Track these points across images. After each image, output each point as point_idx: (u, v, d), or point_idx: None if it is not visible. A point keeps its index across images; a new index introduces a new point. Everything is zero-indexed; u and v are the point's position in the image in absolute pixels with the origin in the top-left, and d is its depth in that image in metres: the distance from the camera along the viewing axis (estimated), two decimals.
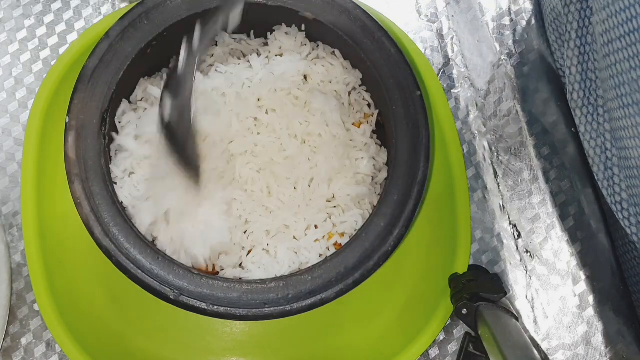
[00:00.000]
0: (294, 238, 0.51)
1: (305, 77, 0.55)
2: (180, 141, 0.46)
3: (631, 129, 0.45)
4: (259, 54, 0.56)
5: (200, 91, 0.53)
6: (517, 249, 0.59)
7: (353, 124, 0.54)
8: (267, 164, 0.52)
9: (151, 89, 0.53)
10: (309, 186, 0.52)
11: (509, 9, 0.63)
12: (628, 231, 0.50)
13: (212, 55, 0.55)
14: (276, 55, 0.55)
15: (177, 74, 0.45)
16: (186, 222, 0.50)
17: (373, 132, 0.55)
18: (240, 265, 0.51)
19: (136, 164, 0.52)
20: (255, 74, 0.54)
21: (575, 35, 0.51)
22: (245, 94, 0.53)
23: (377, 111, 0.55)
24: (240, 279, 0.50)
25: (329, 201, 0.52)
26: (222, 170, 0.51)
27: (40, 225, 0.53)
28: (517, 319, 0.52)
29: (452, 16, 0.63)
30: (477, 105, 0.61)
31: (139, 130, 0.52)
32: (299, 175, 0.52)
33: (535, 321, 0.58)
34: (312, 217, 0.51)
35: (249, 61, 0.55)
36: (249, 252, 0.51)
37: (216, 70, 0.54)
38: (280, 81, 0.53)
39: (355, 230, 0.51)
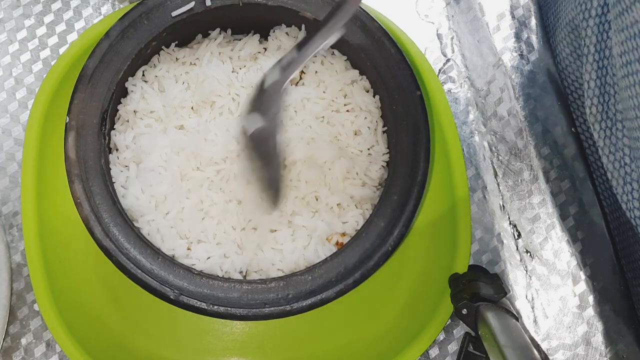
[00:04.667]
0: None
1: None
2: (264, 160, 0.43)
3: None
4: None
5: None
6: (517, 249, 0.59)
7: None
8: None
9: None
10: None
11: (509, 9, 0.63)
12: None
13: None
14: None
15: (266, 90, 0.42)
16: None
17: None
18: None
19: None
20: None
21: (594, 50, 0.50)
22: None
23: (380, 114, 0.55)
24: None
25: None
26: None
27: (40, 225, 0.53)
28: (517, 319, 0.52)
29: (452, 16, 0.63)
30: (477, 105, 0.61)
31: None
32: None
33: (535, 321, 0.58)
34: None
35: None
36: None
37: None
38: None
39: (356, 230, 0.51)
